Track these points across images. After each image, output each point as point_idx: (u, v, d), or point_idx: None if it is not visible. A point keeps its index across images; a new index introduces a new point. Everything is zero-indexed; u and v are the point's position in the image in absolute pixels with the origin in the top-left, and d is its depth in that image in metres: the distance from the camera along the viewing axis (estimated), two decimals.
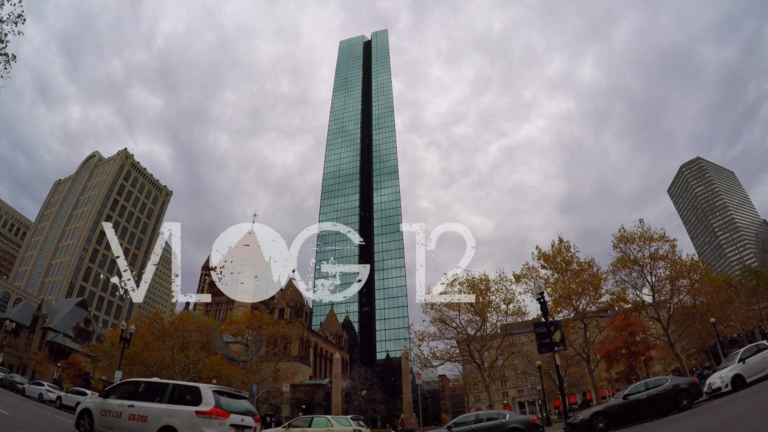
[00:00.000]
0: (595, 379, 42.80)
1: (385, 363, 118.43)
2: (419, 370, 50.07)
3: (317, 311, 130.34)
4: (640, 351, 44.45)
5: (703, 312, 43.13)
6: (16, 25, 15.12)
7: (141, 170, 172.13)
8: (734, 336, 58.06)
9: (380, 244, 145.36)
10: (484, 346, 40.91)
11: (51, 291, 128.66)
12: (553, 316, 35.31)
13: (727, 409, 14.86)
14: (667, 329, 38.38)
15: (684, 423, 14.76)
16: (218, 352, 59.91)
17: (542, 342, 25.14)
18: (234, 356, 78.32)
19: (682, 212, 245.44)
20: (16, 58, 15.60)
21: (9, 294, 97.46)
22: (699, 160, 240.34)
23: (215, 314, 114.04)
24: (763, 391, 16.46)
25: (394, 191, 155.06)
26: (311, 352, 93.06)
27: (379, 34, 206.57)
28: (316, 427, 22.41)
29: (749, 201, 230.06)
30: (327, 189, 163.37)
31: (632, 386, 19.51)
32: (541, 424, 20.53)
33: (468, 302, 40.33)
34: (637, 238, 38.41)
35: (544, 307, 24.72)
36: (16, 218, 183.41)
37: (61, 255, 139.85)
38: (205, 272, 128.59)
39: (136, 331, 45.50)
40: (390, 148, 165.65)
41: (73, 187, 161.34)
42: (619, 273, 39.16)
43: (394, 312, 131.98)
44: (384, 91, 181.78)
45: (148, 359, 49.57)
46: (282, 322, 69.18)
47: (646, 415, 17.96)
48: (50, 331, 72.36)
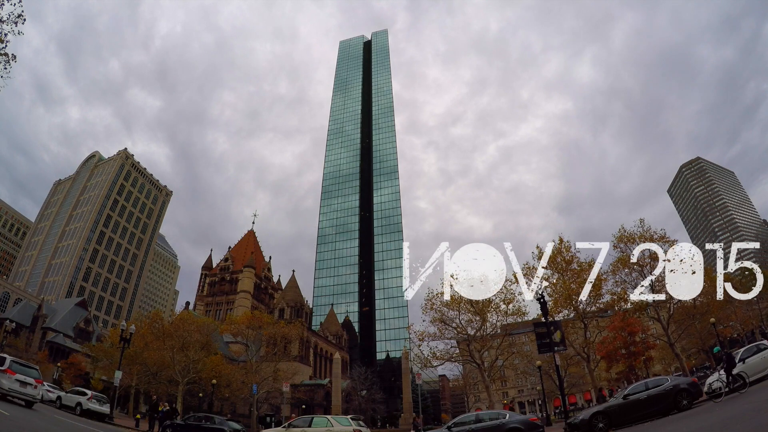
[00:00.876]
0: (595, 379, 42.79)
1: (385, 363, 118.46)
2: (419, 370, 50.09)
3: (317, 311, 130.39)
4: (640, 351, 44.51)
5: (703, 312, 43.08)
6: (16, 25, 15.12)
7: (141, 170, 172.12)
8: (734, 336, 58.09)
9: (380, 244, 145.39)
10: (484, 346, 40.88)
11: (51, 291, 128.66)
12: (553, 316, 35.30)
13: (727, 409, 14.85)
14: (667, 329, 38.36)
15: (684, 423, 14.75)
16: (218, 352, 59.86)
17: (542, 342, 25.18)
18: (234, 356, 78.32)
19: (682, 212, 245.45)
20: (16, 58, 15.60)
21: (9, 294, 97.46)
22: (699, 160, 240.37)
23: (215, 314, 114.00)
24: (763, 391, 16.46)
25: (394, 191, 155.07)
26: (311, 352, 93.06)
27: (379, 34, 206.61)
28: (316, 427, 22.38)
29: (749, 201, 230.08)
30: (327, 189, 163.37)
31: (632, 386, 19.49)
32: (541, 424, 20.51)
33: (468, 302, 40.32)
34: (637, 238, 38.38)
35: (544, 307, 24.74)
36: (16, 218, 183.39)
37: (61, 255, 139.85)
38: (205, 272, 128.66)
39: (136, 331, 45.46)
40: (390, 148, 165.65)
41: (73, 187, 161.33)
42: (620, 273, 39.13)
43: (394, 312, 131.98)
44: (384, 91, 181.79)
45: (148, 359, 49.54)
46: (282, 322, 69.24)
47: (646, 415, 17.95)
48: (50, 331, 72.36)
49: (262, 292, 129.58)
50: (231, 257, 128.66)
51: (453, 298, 40.79)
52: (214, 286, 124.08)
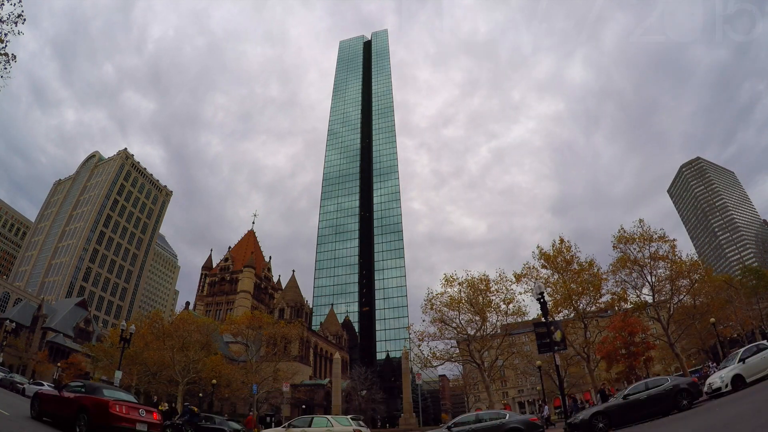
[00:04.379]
0: (595, 379, 42.78)
1: (385, 363, 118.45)
2: (419, 370, 50.12)
3: (317, 311, 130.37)
4: (640, 351, 44.48)
5: (703, 312, 43.14)
6: (16, 25, 15.11)
7: (141, 170, 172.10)
8: (734, 336, 58.06)
9: (380, 244, 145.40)
10: (484, 346, 40.88)
11: (51, 291, 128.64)
12: (554, 316, 35.30)
13: (727, 409, 14.85)
14: (667, 329, 38.37)
15: (684, 423, 14.76)
16: (218, 352, 59.87)
17: (542, 342, 25.16)
18: (234, 356, 78.32)
19: (682, 212, 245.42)
20: (16, 58, 15.59)
21: (9, 294, 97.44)
22: (699, 160, 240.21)
23: (215, 314, 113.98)
24: (763, 391, 16.45)
25: (394, 191, 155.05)
26: (311, 352, 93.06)
27: (380, 34, 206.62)
28: (316, 426, 22.40)
29: (749, 201, 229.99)
30: (327, 189, 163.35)
31: (632, 386, 19.49)
32: (541, 424, 20.53)
33: (468, 302, 40.34)
34: (637, 238, 38.39)
35: (544, 307, 24.72)
36: (16, 218, 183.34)
37: (61, 255, 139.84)
38: (205, 272, 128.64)
39: (136, 331, 45.47)
40: (390, 148, 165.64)
41: (73, 187, 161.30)
42: (620, 273, 39.15)
43: (394, 312, 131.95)
44: (384, 91, 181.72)
45: (148, 359, 49.53)
46: (282, 322, 69.23)
47: (646, 415, 17.96)
48: (50, 331, 72.36)
49: (262, 292, 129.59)
50: (231, 257, 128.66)
51: (453, 298, 40.84)
52: (214, 286, 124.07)
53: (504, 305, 39.81)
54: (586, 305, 39.16)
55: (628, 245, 38.68)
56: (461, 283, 41.08)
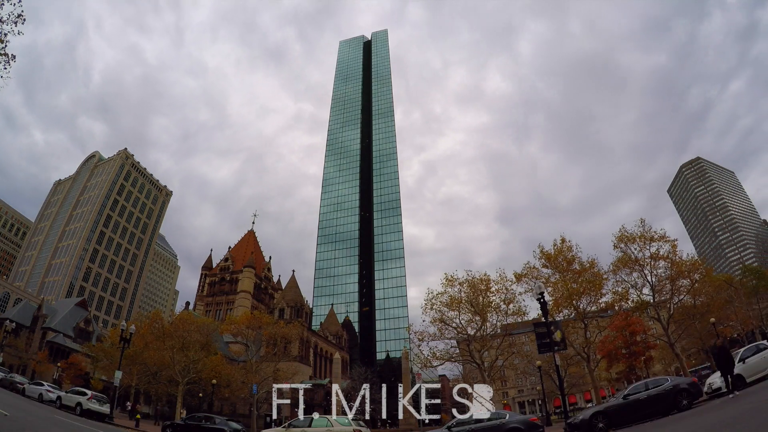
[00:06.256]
0: (595, 379, 42.81)
1: (385, 363, 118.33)
2: (419, 370, 50.12)
3: (317, 311, 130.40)
4: (640, 351, 44.52)
5: (703, 312, 43.12)
6: (15, 25, 15.12)
7: (141, 170, 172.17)
8: (734, 336, 58.04)
9: (380, 244, 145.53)
10: (484, 346, 40.88)
11: (51, 291, 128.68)
12: (554, 316, 35.32)
13: (727, 409, 14.85)
14: (667, 329, 38.38)
15: (684, 423, 14.75)
16: (218, 352, 59.82)
17: (542, 342, 25.17)
18: (234, 356, 78.31)
19: (682, 212, 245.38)
20: (16, 58, 15.61)
21: (9, 294, 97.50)
22: (699, 160, 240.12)
23: (215, 314, 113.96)
24: (763, 391, 16.46)
25: (394, 191, 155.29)
26: (311, 352, 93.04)
27: (380, 34, 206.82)
28: (316, 426, 22.39)
29: (749, 201, 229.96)
30: (327, 187, 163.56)
31: (632, 386, 19.49)
32: (541, 424, 20.50)
33: (468, 302, 40.35)
34: (637, 238, 38.43)
35: (544, 307, 24.72)
36: (16, 218, 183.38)
37: (61, 255, 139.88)
38: (205, 272, 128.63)
39: (136, 331, 45.47)
40: (390, 148, 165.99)
41: (73, 187, 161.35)
42: (620, 273, 39.20)
43: (394, 312, 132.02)
44: (384, 92, 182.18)
45: (148, 359, 49.50)
46: (282, 322, 69.17)
47: (646, 415, 17.94)
48: (50, 331, 72.32)
49: (262, 292, 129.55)
50: (231, 257, 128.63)
51: (453, 298, 40.85)
52: (214, 286, 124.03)
53: (504, 305, 39.85)
54: (587, 305, 39.19)
55: (629, 245, 38.73)
56: (461, 283, 41.11)
